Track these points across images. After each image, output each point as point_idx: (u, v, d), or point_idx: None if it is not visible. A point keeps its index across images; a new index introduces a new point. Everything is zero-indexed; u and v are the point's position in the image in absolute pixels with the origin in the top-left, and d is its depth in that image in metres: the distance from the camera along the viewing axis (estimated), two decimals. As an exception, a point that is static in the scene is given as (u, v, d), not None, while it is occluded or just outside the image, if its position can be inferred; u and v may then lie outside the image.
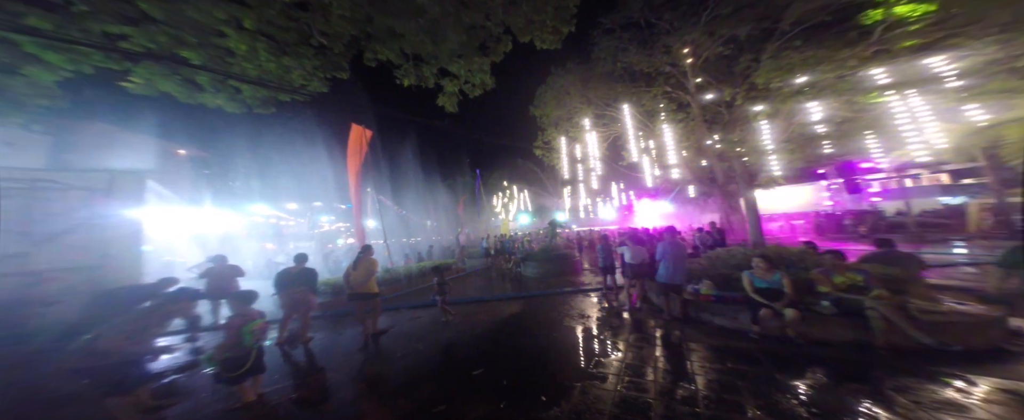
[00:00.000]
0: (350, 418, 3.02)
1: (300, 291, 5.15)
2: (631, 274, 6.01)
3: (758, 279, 4.24)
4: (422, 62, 6.29)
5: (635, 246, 6.11)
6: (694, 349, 4.05)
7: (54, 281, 5.14)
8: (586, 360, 3.97)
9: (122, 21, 3.22)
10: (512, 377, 3.52)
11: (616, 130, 16.21)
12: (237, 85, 4.63)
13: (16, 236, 4.77)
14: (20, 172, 4.78)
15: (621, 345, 4.36)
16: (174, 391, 3.75)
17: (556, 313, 6.03)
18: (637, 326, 5.07)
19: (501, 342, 4.65)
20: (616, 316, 5.68)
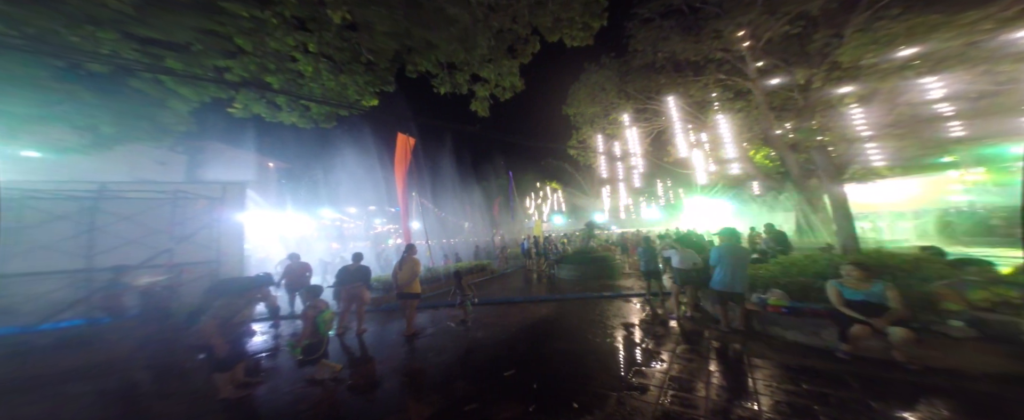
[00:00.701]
0: (392, 409, 3.17)
1: (356, 286, 5.64)
2: (680, 280, 5.47)
3: (850, 290, 3.56)
4: (455, 69, 6.74)
5: (685, 249, 5.58)
6: (758, 365, 3.55)
7: (187, 272, 6.53)
8: (625, 369, 3.72)
9: (225, 56, 4.13)
10: (543, 381, 3.43)
11: (660, 124, 15.24)
12: (306, 104, 5.54)
13: (165, 235, 6.22)
14: (168, 185, 6.30)
15: (665, 355, 4.00)
16: (260, 370, 4.15)
17: (592, 318, 5.75)
18: (687, 336, 4.62)
19: (533, 345, 4.56)
20: (661, 324, 5.23)
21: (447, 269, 9.52)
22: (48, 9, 2.79)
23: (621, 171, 16.46)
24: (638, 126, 15.37)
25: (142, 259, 5.88)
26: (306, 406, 3.18)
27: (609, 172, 16.49)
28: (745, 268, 4.53)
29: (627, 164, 15.83)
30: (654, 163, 16.45)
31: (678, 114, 14.23)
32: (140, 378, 4.23)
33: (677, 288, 5.61)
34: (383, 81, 5.92)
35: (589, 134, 14.88)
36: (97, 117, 4.32)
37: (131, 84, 4.11)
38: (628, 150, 15.42)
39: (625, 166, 16.13)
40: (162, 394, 3.75)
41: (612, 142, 15.82)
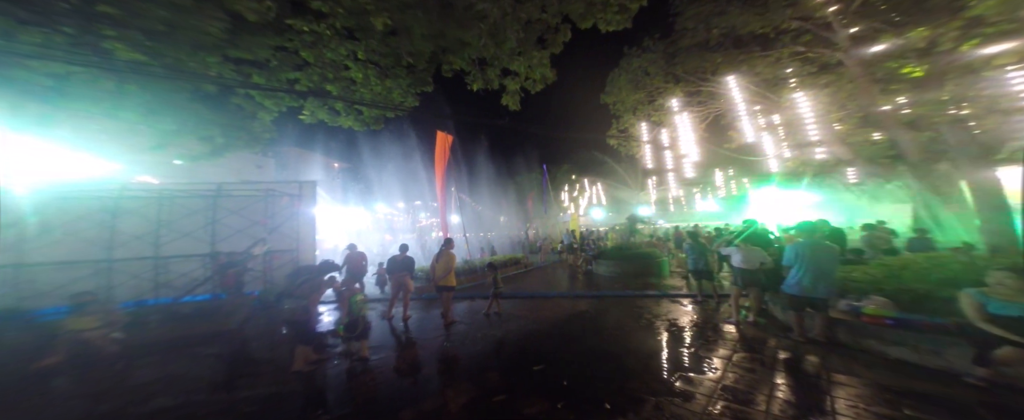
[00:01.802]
0: (429, 392, 3.30)
1: (402, 275, 6.04)
2: (743, 281, 4.82)
3: (999, 302, 2.83)
4: (486, 65, 6.93)
5: (749, 247, 4.90)
6: (842, 383, 3.01)
7: (276, 258, 7.82)
8: (667, 373, 3.42)
9: (294, 68, 4.91)
10: (574, 378, 3.31)
11: (717, 108, 13.63)
12: (359, 108, 6.26)
13: (261, 227, 7.55)
14: (262, 184, 7.68)
15: (718, 363, 3.58)
16: (327, 347, 4.66)
17: (631, 317, 5.38)
18: (747, 344, 4.09)
19: (565, 341, 4.43)
20: (714, 329, 4.68)
21: (483, 262, 9.75)
22: (173, 41, 3.68)
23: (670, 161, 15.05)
24: (690, 111, 13.96)
25: (245, 246, 7.24)
26: (358, 383, 3.50)
27: (655, 162, 15.20)
28: (832, 270, 3.84)
29: (677, 153, 14.42)
30: (711, 150, 14.73)
31: (742, 95, 12.57)
32: (242, 347, 5.04)
33: (738, 291, 4.93)
34: (422, 82, 6.40)
35: (631, 122, 13.93)
36: (213, 130, 5.50)
37: (232, 101, 5.16)
38: (678, 137, 14.08)
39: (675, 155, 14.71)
40: (255, 361, 4.42)
41: (658, 130, 14.60)
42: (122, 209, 6.54)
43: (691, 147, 13.92)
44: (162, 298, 6.79)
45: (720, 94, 13.43)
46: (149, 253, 6.94)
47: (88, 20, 3.23)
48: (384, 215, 23.55)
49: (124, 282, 6.75)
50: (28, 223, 5.83)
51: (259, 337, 5.43)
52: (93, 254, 6.55)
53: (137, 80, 4.13)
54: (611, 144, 14.29)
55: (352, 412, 2.87)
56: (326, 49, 4.90)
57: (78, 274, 6.32)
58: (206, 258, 7.15)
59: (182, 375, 3.92)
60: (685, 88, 13.36)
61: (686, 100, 13.69)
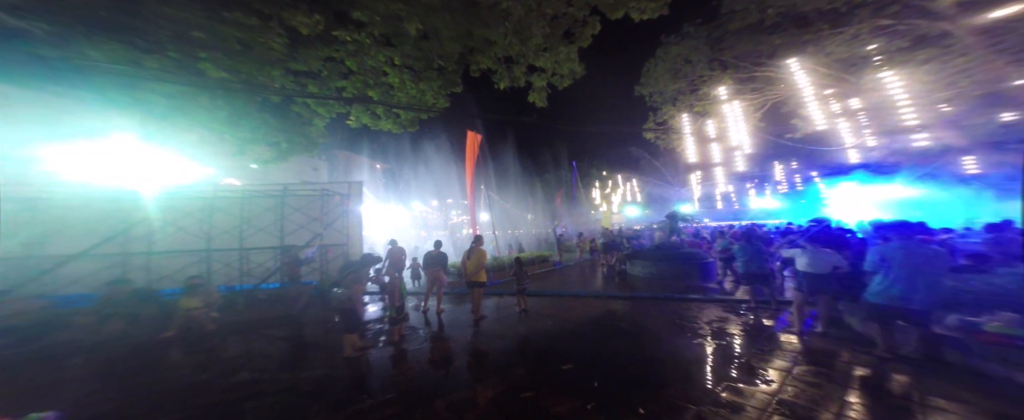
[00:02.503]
0: (460, 384, 3.37)
1: (436, 270, 6.24)
2: (809, 288, 4.21)
3: None
4: (512, 63, 6.99)
5: (818, 248, 4.26)
6: (943, 408, 2.53)
7: (330, 251, 8.67)
8: (712, 382, 3.13)
9: (341, 77, 5.48)
10: (604, 380, 3.19)
11: (776, 93, 12.08)
12: (397, 111, 6.75)
13: (318, 223, 8.47)
14: (318, 185, 8.65)
15: (774, 375, 3.20)
16: (370, 337, 4.83)
17: (670, 321, 4.99)
18: (813, 356, 3.60)
19: (596, 342, 4.29)
20: (771, 339, 4.17)
21: (510, 258, 9.69)
22: (247, 58, 4.37)
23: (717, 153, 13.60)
24: (742, 99, 12.58)
25: (305, 240, 8.16)
26: (397, 372, 3.68)
27: (700, 155, 13.84)
28: (936, 277, 3.19)
29: (726, 145, 12.99)
30: (770, 141, 13.05)
31: (808, 79, 11.07)
32: (301, 331, 5.56)
33: (802, 297, 4.28)
34: (452, 83, 6.69)
35: (671, 114, 12.95)
36: (279, 136, 6.37)
37: (292, 109, 5.93)
38: (727, 128, 12.72)
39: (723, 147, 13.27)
40: (312, 345, 4.83)
41: (703, 121, 13.35)
42: (215, 207, 7.84)
43: (744, 138, 12.46)
44: (246, 285, 7.89)
45: (779, 79, 11.91)
46: (235, 245, 8.16)
47: (186, 44, 3.98)
48: (419, 213, 24.97)
49: (218, 269, 7.99)
50: (153, 219, 7.27)
51: (315, 323, 5.95)
52: (196, 245, 7.90)
53: (223, 95, 4.97)
54: (648, 138, 13.39)
55: (392, 399, 3.02)
56: (367, 57, 5.41)
57: (186, 261, 7.65)
58: (277, 250, 8.21)
59: (258, 353, 4.45)
60: (735, 75, 12.10)
61: (737, 87, 12.37)
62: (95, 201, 7.03)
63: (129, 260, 7.44)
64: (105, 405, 3.13)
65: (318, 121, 6.35)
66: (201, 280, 5.51)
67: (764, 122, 13.19)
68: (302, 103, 5.91)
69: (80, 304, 5.57)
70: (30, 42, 3.49)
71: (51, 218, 7.07)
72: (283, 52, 4.47)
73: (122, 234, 7.12)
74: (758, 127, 12.87)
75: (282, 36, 4.24)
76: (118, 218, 7.06)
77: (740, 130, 12.45)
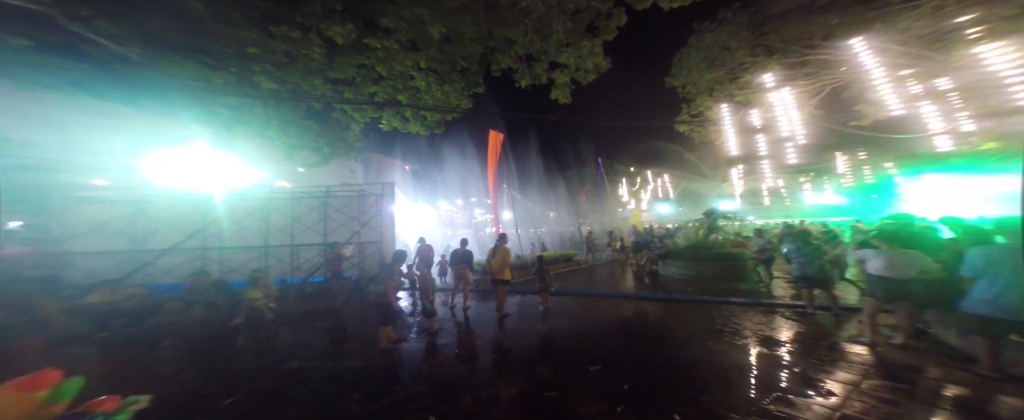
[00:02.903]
0: (485, 381, 3.36)
1: (462, 267, 6.30)
2: (887, 294, 3.59)
3: None
4: (534, 60, 6.95)
5: (899, 250, 3.65)
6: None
7: (367, 248, 9.23)
8: (758, 391, 2.81)
9: (373, 83, 5.85)
10: (635, 383, 3.03)
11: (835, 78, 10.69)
12: (424, 114, 7.05)
13: (356, 222, 9.07)
14: (355, 186, 9.28)
15: (837, 388, 2.79)
16: (403, 331, 4.93)
17: (709, 325, 4.57)
18: (888, 370, 3.10)
19: (625, 343, 4.12)
20: (832, 348, 3.64)
21: (533, 257, 9.51)
22: (293, 69, 4.85)
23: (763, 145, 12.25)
24: (793, 86, 11.31)
25: (345, 238, 8.78)
26: (427, 366, 3.76)
27: (742, 148, 12.55)
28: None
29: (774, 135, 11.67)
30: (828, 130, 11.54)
31: (880, 59, 9.74)
32: (342, 323, 5.80)
33: (875, 304, 3.66)
34: (474, 84, 6.84)
35: (707, 105, 11.94)
36: (321, 141, 6.97)
37: (332, 116, 6.45)
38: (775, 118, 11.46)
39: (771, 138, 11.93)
40: (352, 337, 5.05)
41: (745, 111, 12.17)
42: (271, 207, 8.76)
43: (797, 128, 11.12)
44: (296, 278, 8.65)
45: (839, 61, 10.55)
46: (287, 242, 9.03)
47: (244, 60, 4.52)
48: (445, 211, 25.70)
49: (274, 264, 8.86)
50: (223, 218, 8.32)
51: (355, 315, 6.28)
52: (256, 241, 8.88)
53: (274, 104, 5.56)
54: (681, 131, 12.45)
55: (423, 392, 3.09)
56: (395, 62, 5.74)
57: (249, 256, 8.62)
58: (321, 247, 8.93)
59: (306, 342, 4.76)
60: (783, 60, 10.92)
61: (786, 73, 11.13)
62: (179, 202, 8.23)
63: (206, 254, 8.56)
64: (187, 384, 3.50)
65: (354, 126, 6.86)
66: (262, 273, 6.15)
67: (821, 109, 11.69)
68: (340, 109, 6.43)
69: (170, 292, 6.43)
70: (128, 65, 4.19)
71: (148, 217, 8.41)
72: (322, 61, 4.91)
73: (200, 231, 8.23)
74: (814, 115, 11.44)
75: (321, 46, 4.66)
76: (197, 217, 8.19)
77: (792, 119, 11.15)
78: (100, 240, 8.21)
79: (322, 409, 2.89)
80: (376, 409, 2.79)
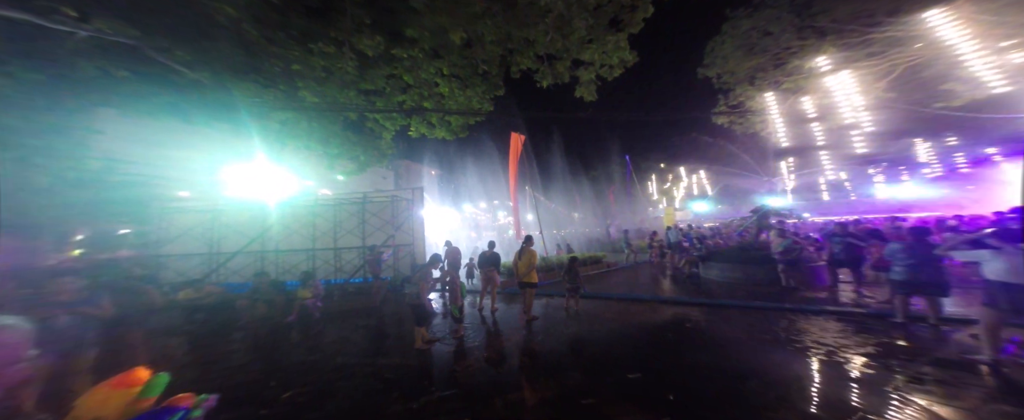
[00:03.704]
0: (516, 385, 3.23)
1: (490, 270, 6.21)
2: (1008, 303, 2.89)
3: None
4: (555, 59, 6.79)
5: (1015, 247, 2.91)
6: None
7: (401, 250, 9.55)
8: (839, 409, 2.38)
9: (400, 92, 6.11)
10: (682, 393, 2.80)
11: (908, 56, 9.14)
12: (449, 120, 7.21)
13: (389, 225, 9.47)
14: (388, 192, 9.73)
15: (945, 412, 2.29)
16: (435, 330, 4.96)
17: (768, 334, 4.09)
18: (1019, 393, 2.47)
19: (667, 351, 3.85)
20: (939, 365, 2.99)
21: (560, 259, 9.08)
22: (331, 83, 5.23)
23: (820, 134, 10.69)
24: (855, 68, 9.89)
25: (382, 241, 9.17)
26: (459, 368, 3.72)
27: (794, 138, 11.04)
28: None
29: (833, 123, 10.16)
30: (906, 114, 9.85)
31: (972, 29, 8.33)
32: (381, 322, 5.99)
33: (996, 315, 2.95)
34: (495, 87, 6.86)
35: (749, 95, 10.77)
36: (357, 150, 7.42)
37: (366, 125, 6.84)
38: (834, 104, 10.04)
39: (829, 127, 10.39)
40: (389, 335, 5.17)
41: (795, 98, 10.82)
42: (316, 213, 9.46)
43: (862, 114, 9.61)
44: (339, 279, 9.17)
45: (912, 37, 9.08)
46: (330, 245, 9.67)
47: (289, 77, 4.96)
48: (470, 214, 25.93)
49: (320, 266, 9.51)
50: (276, 223, 9.17)
51: (391, 315, 6.43)
52: (304, 245, 9.63)
53: (316, 117, 6.03)
54: (720, 124, 11.29)
55: (456, 394, 3.07)
56: (420, 70, 5.97)
57: (298, 258, 9.35)
58: (360, 249, 9.42)
59: (348, 339, 4.94)
60: (839, 41, 9.61)
61: (845, 55, 9.76)
62: (243, 210, 9.22)
63: (264, 257, 9.44)
64: (251, 376, 3.73)
65: (386, 134, 7.22)
66: (311, 275, 6.58)
67: (893, 92, 10.03)
68: (373, 119, 6.82)
69: (238, 291, 7.10)
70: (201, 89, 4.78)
71: (220, 224, 9.53)
72: (355, 74, 5.24)
73: (260, 236, 9.14)
74: (883, 98, 9.84)
75: (353, 60, 4.98)
76: (257, 223, 9.12)
77: (855, 105, 9.68)
78: (185, 244, 9.44)
79: (366, 405, 2.95)
80: (414, 409, 2.80)
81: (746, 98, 10.74)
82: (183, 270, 8.74)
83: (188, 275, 7.84)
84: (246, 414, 2.84)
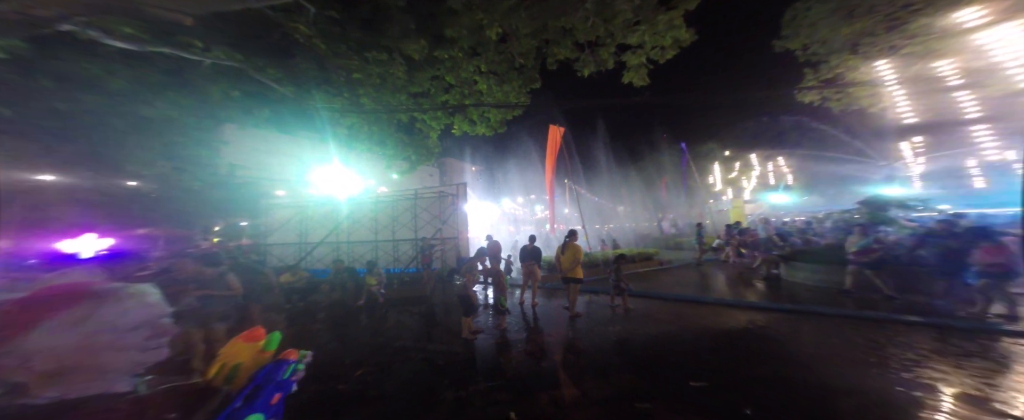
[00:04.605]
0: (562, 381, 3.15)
1: (530, 264, 6.11)
2: None
3: None
4: (598, 46, 6.34)
5: None
6: None
7: (447, 242, 10.04)
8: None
9: (443, 92, 6.43)
10: (761, 409, 2.47)
11: None
12: (488, 116, 7.34)
13: (437, 219, 10.04)
14: (436, 188, 10.34)
15: None
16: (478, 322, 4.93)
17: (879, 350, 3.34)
18: None
19: (738, 359, 3.45)
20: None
21: (604, 255, 8.40)
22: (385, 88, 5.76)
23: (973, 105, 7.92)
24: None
25: (431, 234, 9.78)
26: (504, 360, 3.75)
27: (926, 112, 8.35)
28: None
29: (997, 88, 7.45)
30: None
31: None
32: (431, 310, 6.30)
33: None
34: (531, 80, 6.75)
35: (850, 65, 8.49)
36: (409, 151, 8.05)
37: (416, 127, 7.38)
38: (995, 66, 7.43)
39: (986, 94, 7.66)
40: (439, 323, 5.40)
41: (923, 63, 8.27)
42: (377, 209, 10.54)
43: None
44: (396, 268, 10.05)
45: None
46: (389, 237, 10.68)
47: (352, 86, 5.62)
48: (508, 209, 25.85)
49: (381, 256, 10.59)
50: (346, 218, 10.49)
51: (441, 304, 6.73)
52: (368, 237, 10.82)
53: (375, 121, 6.70)
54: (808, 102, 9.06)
55: (501, 385, 3.10)
56: (461, 70, 6.21)
57: (364, 249, 10.54)
58: (413, 242, 10.20)
59: (405, 324, 5.33)
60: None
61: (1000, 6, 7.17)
62: (322, 205, 10.79)
63: (339, 247, 10.89)
64: (331, 353, 4.10)
65: (433, 134, 7.71)
66: (376, 264, 7.28)
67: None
68: (421, 120, 7.36)
69: (321, 276, 8.22)
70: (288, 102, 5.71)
71: (306, 218, 11.32)
72: (404, 79, 5.70)
73: (335, 228, 10.58)
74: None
75: (402, 65, 5.43)
76: (332, 217, 10.58)
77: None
78: (282, 235, 11.45)
79: (420, 389, 3.10)
80: (463, 397, 2.85)
81: (846, 69, 8.49)
82: (281, 257, 10.51)
83: (285, 261, 9.39)
84: (328, 387, 3.13)
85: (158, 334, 0.66)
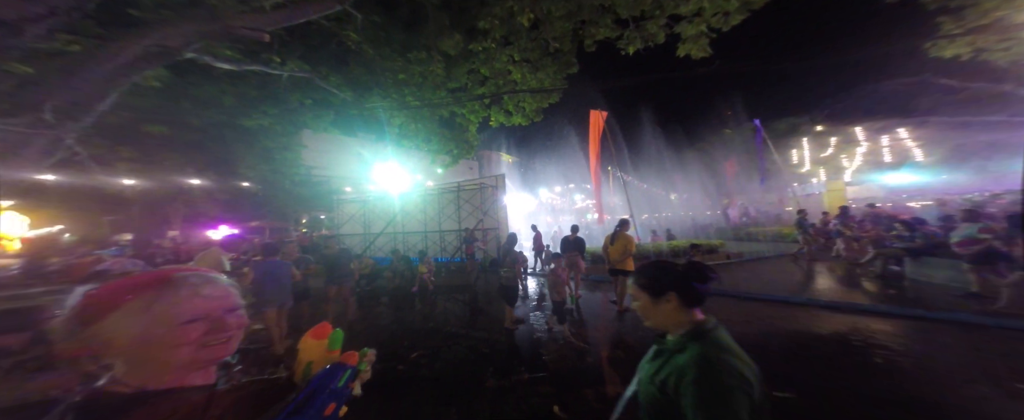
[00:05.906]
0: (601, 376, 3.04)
1: (573, 255, 5.79)
2: None
3: None
4: (644, 20, 5.71)
5: None
6: None
7: (489, 234, 10.34)
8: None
9: (479, 85, 6.55)
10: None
11: None
12: (523, 105, 7.27)
13: (478, 210, 10.38)
14: (477, 180, 10.67)
15: None
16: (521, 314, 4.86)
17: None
18: None
19: (843, 371, 2.93)
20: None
21: (656, 246, 7.70)
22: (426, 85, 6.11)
23: None
24: None
25: (474, 225, 10.17)
26: (547, 351, 3.64)
27: None
28: None
29: None
30: None
31: None
32: (475, 298, 6.40)
33: None
34: (568, 64, 6.45)
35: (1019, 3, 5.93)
36: (451, 145, 8.44)
37: (456, 121, 7.69)
38: None
39: None
40: (483, 311, 5.35)
41: None
42: (425, 201, 11.31)
43: None
44: (444, 258, 10.71)
45: None
46: (437, 228, 11.40)
47: (398, 87, 6.07)
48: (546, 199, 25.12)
49: (430, 245, 11.38)
50: (400, 210, 11.47)
51: (483, 292, 6.83)
52: (418, 227, 11.69)
53: (420, 119, 7.16)
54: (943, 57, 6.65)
55: (544, 377, 3.02)
56: (495, 61, 6.25)
57: (416, 239, 11.46)
58: (457, 232, 10.74)
59: (452, 311, 5.50)
60: None
61: None
62: (381, 199, 11.96)
63: (395, 237, 12.01)
64: (392, 335, 4.38)
65: (471, 127, 7.96)
66: (426, 253, 7.81)
67: None
68: (461, 114, 7.65)
69: (382, 264, 9.11)
70: (349, 106, 6.40)
71: (368, 211, 12.68)
72: (443, 75, 5.96)
73: (392, 220, 11.66)
74: None
75: (440, 61, 5.68)
76: (388, 209, 11.68)
77: None
78: (350, 227, 13.02)
79: (467, 374, 3.15)
80: (506, 386, 2.87)
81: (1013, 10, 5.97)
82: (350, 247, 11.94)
83: (353, 251, 10.64)
84: (389, 366, 3.31)
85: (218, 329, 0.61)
